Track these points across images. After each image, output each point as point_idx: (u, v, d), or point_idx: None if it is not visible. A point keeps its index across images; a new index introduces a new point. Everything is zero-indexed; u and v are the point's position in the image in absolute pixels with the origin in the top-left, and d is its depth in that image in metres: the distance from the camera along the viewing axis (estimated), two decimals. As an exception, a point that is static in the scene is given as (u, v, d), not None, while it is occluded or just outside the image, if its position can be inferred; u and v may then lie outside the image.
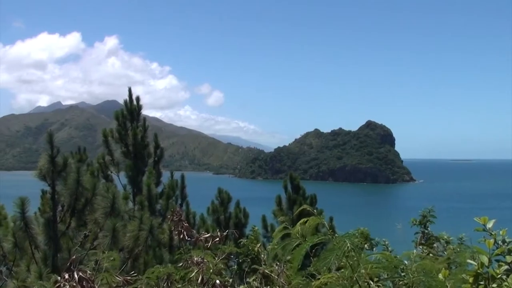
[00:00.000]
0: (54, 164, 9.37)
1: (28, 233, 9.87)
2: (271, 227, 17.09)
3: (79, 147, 19.33)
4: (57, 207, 9.97)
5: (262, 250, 7.03)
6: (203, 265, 4.16)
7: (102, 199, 9.85)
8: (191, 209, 16.87)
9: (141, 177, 16.48)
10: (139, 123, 17.44)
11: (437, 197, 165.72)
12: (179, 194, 16.85)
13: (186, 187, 17.12)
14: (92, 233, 10.03)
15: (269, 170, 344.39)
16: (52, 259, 9.69)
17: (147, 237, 10.00)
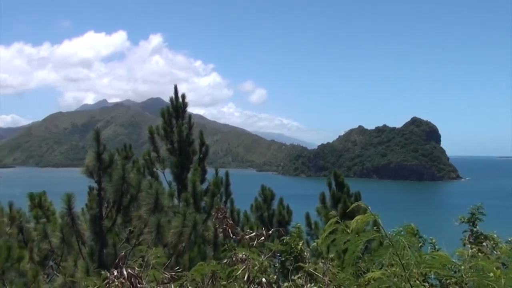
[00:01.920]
0: (100, 161, 9.53)
1: (75, 229, 10.09)
2: (315, 224, 16.94)
3: (124, 144, 19.61)
4: (103, 203, 10.14)
5: (305, 248, 6.96)
6: (248, 263, 4.12)
7: (147, 195, 9.96)
8: (235, 206, 16.91)
9: (186, 174, 16.61)
10: (184, 120, 17.58)
11: (484, 195, 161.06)
12: (224, 191, 16.91)
13: (230, 184, 17.16)
14: (137, 229, 10.16)
15: (312, 167, 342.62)
16: (98, 254, 9.86)
17: (191, 233, 10.07)
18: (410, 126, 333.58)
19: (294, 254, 6.78)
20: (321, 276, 4.81)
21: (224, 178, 17.11)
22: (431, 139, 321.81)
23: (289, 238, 7.02)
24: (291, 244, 6.90)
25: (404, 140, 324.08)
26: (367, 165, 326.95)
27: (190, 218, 10.03)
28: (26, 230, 12.67)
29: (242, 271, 4.07)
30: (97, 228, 9.89)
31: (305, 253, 6.71)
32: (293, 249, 6.86)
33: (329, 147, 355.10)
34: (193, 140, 17.53)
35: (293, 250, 6.84)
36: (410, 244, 2.85)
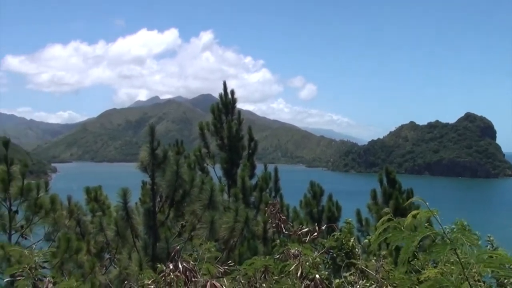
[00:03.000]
0: (154, 156, 9.73)
1: (129, 223, 10.34)
2: (366, 221, 16.76)
3: (176, 140, 19.91)
4: (156, 198, 10.35)
5: (356, 245, 6.90)
6: (301, 259, 4.13)
7: (200, 191, 10.10)
8: (284, 201, 16.91)
9: (236, 170, 16.74)
10: (234, 116, 17.70)
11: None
12: (273, 186, 16.94)
13: (279, 180, 17.18)
14: (189, 224, 10.32)
15: (362, 164, 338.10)
16: (152, 248, 10.07)
17: (243, 228, 10.16)
18: (464, 121, 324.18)
19: (345, 251, 6.73)
20: (373, 273, 4.77)
21: (273, 173, 17.14)
22: (486, 135, 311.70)
23: (340, 234, 6.98)
24: (342, 240, 6.86)
25: (458, 136, 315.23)
26: (418, 162, 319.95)
27: (242, 214, 10.11)
28: (83, 223, 13.08)
29: (295, 266, 4.08)
30: (150, 222, 10.10)
31: (356, 250, 6.66)
32: (344, 245, 6.82)
33: (380, 143, 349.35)
34: (242, 136, 17.64)
35: (344, 247, 6.80)
36: (469, 242, 2.79)
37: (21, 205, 12.24)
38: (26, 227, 12.28)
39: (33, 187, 12.24)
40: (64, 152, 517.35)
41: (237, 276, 4.44)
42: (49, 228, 12.53)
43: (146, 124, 11.16)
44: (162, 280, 3.76)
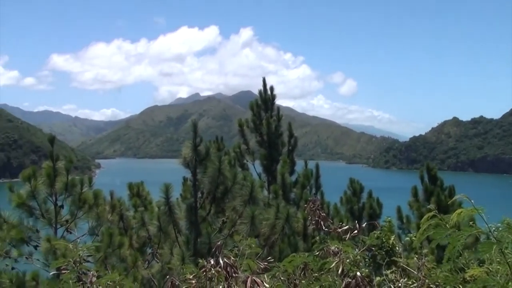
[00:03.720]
0: (197, 152, 9.82)
1: (171, 218, 10.47)
2: (407, 218, 16.52)
3: (216, 137, 20.04)
4: (197, 193, 10.45)
5: (397, 242, 6.81)
6: (342, 256, 4.10)
7: (241, 187, 10.15)
8: (325, 198, 16.82)
9: (276, 166, 16.74)
10: (273, 112, 17.70)
11: None
12: (313, 183, 16.87)
13: (320, 176, 17.10)
14: (230, 220, 10.38)
15: (404, 160, 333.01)
16: (194, 243, 10.17)
17: (283, 225, 10.15)
18: (510, 117, 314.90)
19: (386, 249, 6.66)
20: (414, 271, 4.69)
21: (314, 170, 17.07)
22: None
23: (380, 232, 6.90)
24: (382, 238, 6.78)
25: (503, 132, 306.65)
26: (462, 158, 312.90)
27: (283, 211, 10.11)
28: (126, 218, 13.29)
29: (336, 264, 4.06)
30: (192, 217, 10.20)
31: (397, 248, 6.57)
32: (384, 243, 6.74)
33: (422, 139, 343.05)
34: (282, 132, 17.63)
35: (385, 244, 6.72)
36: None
37: (66, 200, 12.52)
38: (70, 222, 12.57)
39: (77, 182, 12.51)
40: (108, 149, 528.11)
41: (277, 273, 4.45)
42: (92, 222, 12.79)
43: (187, 121, 11.36)
44: (203, 275, 3.80)
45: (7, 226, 12.33)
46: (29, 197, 12.17)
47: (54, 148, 12.42)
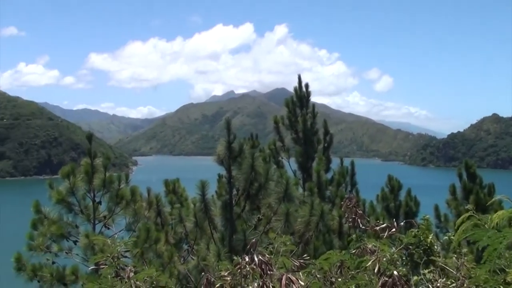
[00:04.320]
0: (230, 150, 9.86)
1: (207, 214, 10.55)
2: (445, 217, 16.23)
3: (251, 134, 20.09)
4: (232, 190, 10.49)
5: (435, 241, 6.70)
6: (379, 254, 4.05)
7: (275, 184, 10.15)
8: (360, 196, 16.67)
9: (311, 163, 16.69)
10: (308, 109, 17.65)
11: None
12: (349, 180, 16.75)
13: (355, 174, 16.95)
14: (265, 217, 10.39)
15: (441, 157, 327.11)
16: (229, 239, 10.22)
17: (318, 222, 10.11)
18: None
19: (423, 247, 6.55)
20: (453, 271, 4.60)
21: (349, 167, 16.94)
22: None
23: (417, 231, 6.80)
24: (419, 237, 6.68)
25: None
26: (502, 156, 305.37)
27: (317, 208, 10.08)
28: (163, 214, 13.46)
29: (372, 262, 4.01)
30: (227, 214, 10.25)
31: (435, 247, 6.45)
32: (422, 242, 6.64)
33: (460, 136, 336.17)
34: (317, 129, 17.57)
35: (422, 243, 6.62)
36: None
37: (104, 196, 12.75)
38: (108, 218, 12.80)
39: (114, 179, 12.72)
40: (144, 146, 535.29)
41: (313, 270, 4.42)
42: (129, 218, 12.99)
43: (222, 118, 11.40)
44: (238, 272, 3.80)
45: (47, 222, 12.64)
46: (68, 193, 12.44)
47: (92, 146, 12.67)
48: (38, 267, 12.32)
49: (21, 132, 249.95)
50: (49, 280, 12.19)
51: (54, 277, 12.17)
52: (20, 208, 38.90)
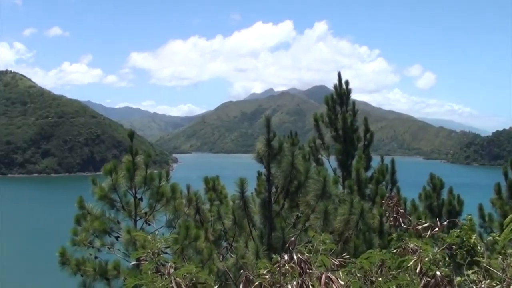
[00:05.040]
0: (270, 147, 9.85)
1: (246, 212, 10.57)
2: (489, 217, 15.83)
3: (290, 131, 20.06)
4: (271, 188, 10.48)
5: (478, 242, 6.54)
6: (421, 254, 3.97)
7: (314, 182, 10.08)
8: (401, 194, 16.41)
9: (351, 161, 16.52)
10: (349, 107, 17.50)
11: None
12: (389, 179, 16.51)
13: (396, 172, 16.69)
14: (304, 215, 10.34)
15: (485, 156, 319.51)
16: (268, 237, 10.22)
17: (358, 221, 10.01)
18: None
19: (466, 248, 6.40)
20: (499, 273, 4.47)
21: (389, 165, 16.70)
22: None
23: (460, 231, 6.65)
24: (462, 237, 6.53)
25: None
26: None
27: (357, 206, 9.98)
28: (202, 211, 13.55)
29: (414, 262, 3.93)
30: (266, 212, 10.25)
31: (478, 247, 6.29)
32: (465, 242, 6.49)
33: (506, 134, 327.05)
34: (357, 127, 17.39)
35: (465, 243, 6.47)
36: None
37: (145, 193, 12.92)
38: (149, 214, 12.96)
39: (155, 176, 12.88)
40: (184, 144, 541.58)
41: (353, 270, 4.37)
42: (170, 215, 13.13)
43: (261, 116, 11.41)
44: (277, 270, 3.79)
45: (90, 218, 12.91)
46: (110, 190, 12.66)
47: (133, 143, 12.84)
48: (82, 262, 12.60)
49: (65, 130, 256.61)
50: (92, 274, 12.46)
51: (96, 271, 12.42)
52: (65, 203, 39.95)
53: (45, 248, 51.85)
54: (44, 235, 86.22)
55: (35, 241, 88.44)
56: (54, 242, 14.70)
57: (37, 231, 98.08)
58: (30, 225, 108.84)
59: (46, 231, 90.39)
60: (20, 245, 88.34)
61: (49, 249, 17.68)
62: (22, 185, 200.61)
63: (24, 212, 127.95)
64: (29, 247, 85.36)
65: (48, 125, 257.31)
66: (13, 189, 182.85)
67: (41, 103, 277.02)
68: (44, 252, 51.21)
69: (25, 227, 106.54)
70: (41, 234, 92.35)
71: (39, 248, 75.84)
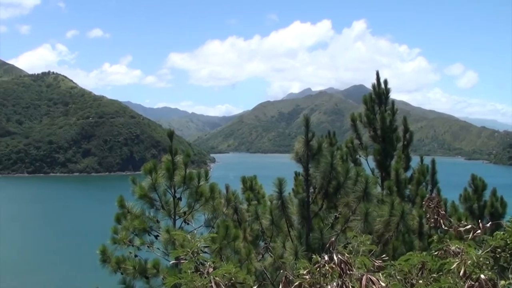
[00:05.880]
0: (309, 147, 9.81)
1: (284, 212, 10.56)
2: (534, 219, 15.36)
3: (328, 131, 19.90)
4: (309, 188, 10.43)
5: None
6: (463, 257, 3.89)
7: (354, 182, 9.99)
8: (441, 195, 16.10)
9: (390, 162, 16.30)
10: (387, 106, 17.27)
11: None
12: (430, 179, 16.22)
13: (437, 172, 16.38)
14: (342, 216, 10.26)
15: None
16: (306, 238, 10.18)
17: (398, 222, 9.88)
18: None
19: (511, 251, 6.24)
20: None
21: (430, 166, 16.41)
22: None
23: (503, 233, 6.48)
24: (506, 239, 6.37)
25: None
26: None
27: (398, 207, 9.85)
28: (240, 211, 13.60)
29: (457, 265, 3.86)
30: (304, 212, 10.22)
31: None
32: (509, 244, 6.32)
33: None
34: (396, 126, 17.15)
35: (509, 246, 6.30)
36: None
37: (184, 193, 13.04)
38: (188, 213, 13.08)
39: (194, 176, 12.98)
40: (222, 143, 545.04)
41: (392, 272, 4.32)
42: (208, 215, 13.22)
43: (298, 116, 11.42)
44: (317, 271, 3.78)
45: (130, 216, 13.12)
46: (150, 189, 12.82)
47: (173, 143, 12.98)
48: (122, 260, 12.80)
49: (105, 130, 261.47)
50: (132, 272, 12.65)
51: (136, 270, 12.60)
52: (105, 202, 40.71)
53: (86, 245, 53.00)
54: (85, 233, 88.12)
55: (76, 238, 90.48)
56: (95, 240, 14.99)
57: (78, 229, 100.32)
58: (71, 223, 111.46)
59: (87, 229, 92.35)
60: (62, 242, 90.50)
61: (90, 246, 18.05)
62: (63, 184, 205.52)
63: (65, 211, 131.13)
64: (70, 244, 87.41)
65: (89, 125, 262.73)
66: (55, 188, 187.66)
67: (82, 103, 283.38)
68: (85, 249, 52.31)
69: (67, 225, 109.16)
70: (82, 232, 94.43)
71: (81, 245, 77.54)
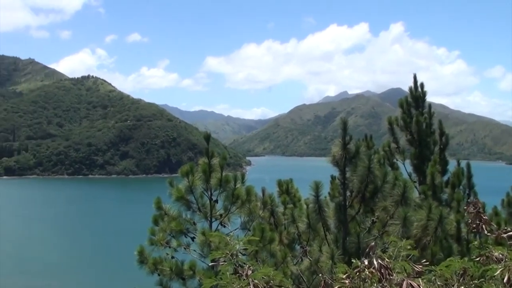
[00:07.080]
0: (346, 150, 9.75)
1: (321, 216, 10.51)
2: None
3: (365, 135, 19.73)
4: (346, 192, 10.36)
5: None
6: (507, 263, 3.80)
7: (392, 187, 9.89)
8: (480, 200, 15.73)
9: (427, 165, 16.09)
10: (424, 110, 17.07)
11: None
12: (467, 183, 15.92)
13: (472, 176, 16.06)
14: (379, 220, 10.16)
15: None
16: (342, 242, 10.12)
17: (436, 227, 9.73)
18: None
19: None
20: None
21: (465, 169, 16.13)
22: None
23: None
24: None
25: None
26: None
27: (435, 212, 9.70)
28: (276, 214, 13.60)
29: (501, 271, 3.78)
30: (341, 216, 10.16)
31: None
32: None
33: None
34: (433, 130, 16.93)
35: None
36: None
37: (220, 195, 13.10)
38: (224, 216, 13.11)
39: (230, 178, 13.02)
40: (258, 146, 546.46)
41: (433, 277, 4.26)
42: (245, 217, 13.24)
43: (335, 119, 11.37)
44: (357, 275, 3.76)
45: (167, 218, 13.26)
46: (187, 191, 12.93)
47: (209, 146, 13.08)
48: (159, 261, 12.94)
49: (143, 132, 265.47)
50: (169, 274, 12.77)
51: (173, 271, 12.72)
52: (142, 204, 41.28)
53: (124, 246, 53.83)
54: (123, 234, 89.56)
55: (114, 239, 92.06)
56: (133, 241, 15.20)
57: (116, 230, 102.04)
58: (109, 224, 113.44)
59: (124, 230, 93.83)
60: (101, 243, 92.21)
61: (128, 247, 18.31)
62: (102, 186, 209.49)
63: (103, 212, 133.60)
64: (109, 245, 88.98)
65: (126, 128, 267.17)
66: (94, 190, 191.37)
67: (121, 106, 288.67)
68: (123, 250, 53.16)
69: (105, 227, 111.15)
70: (120, 233, 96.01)
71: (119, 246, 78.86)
